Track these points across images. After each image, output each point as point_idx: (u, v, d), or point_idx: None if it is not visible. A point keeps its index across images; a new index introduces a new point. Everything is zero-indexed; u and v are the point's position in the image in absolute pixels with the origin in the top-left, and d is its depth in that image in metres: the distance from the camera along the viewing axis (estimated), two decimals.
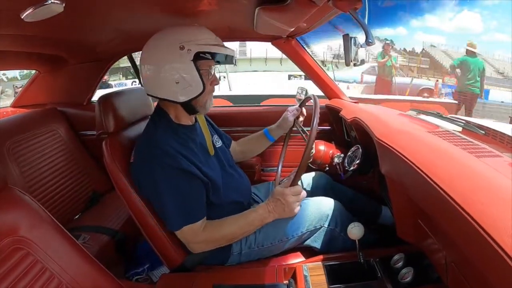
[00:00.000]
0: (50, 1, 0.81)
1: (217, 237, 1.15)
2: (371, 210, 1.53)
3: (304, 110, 1.53)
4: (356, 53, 1.12)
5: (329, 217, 1.22)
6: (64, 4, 0.84)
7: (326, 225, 1.22)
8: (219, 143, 1.37)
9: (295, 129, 1.52)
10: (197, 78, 1.11)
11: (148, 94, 1.19)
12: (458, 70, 6.51)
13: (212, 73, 1.18)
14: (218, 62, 1.20)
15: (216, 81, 1.20)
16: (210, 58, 1.11)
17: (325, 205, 1.26)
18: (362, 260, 1.03)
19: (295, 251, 1.25)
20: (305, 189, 1.49)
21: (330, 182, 1.57)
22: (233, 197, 1.25)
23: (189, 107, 1.17)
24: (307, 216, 1.22)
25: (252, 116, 2.13)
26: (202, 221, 1.12)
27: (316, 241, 1.22)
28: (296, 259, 1.21)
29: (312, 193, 1.52)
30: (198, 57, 1.09)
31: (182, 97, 1.13)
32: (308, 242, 1.23)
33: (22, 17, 0.88)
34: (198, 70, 1.10)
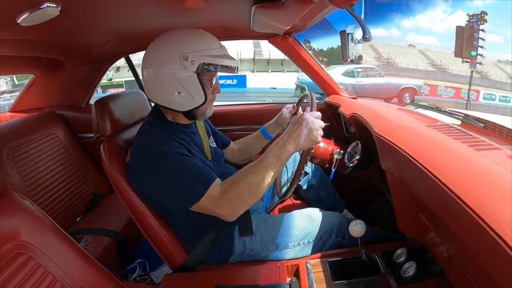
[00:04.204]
0: (45, 5, 0.81)
1: (235, 192, 1.02)
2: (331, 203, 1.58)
3: (300, 109, 1.53)
4: (354, 49, 1.13)
5: (336, 231, 1.21)
6: (59, 8, 0.84)
7: (333, 238, 1.20)
8: (213, 144, 1.37)
9: None
10: (200, 90, 1.09)
11: (149, 99, 1.18)
12: None
13: (214, 82, 1.16)
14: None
15: (217, 89, 1.18)
16: (214, 70, 1.09)
17: (334, 218, 1.25)
18: (364, 257, 1.03)
19: None
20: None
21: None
22: None
23: (189, 114, 1.17)
24: (316, 226, 1.21)
25: (250, 115, 2.13)
26: (216, 184, 1.04)
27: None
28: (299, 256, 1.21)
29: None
30: (202, 69, 1.06)
31: (182, 107, 1.12)
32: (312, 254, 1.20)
33: (18, 22, 0.88)
34: (200, 81, 1.08)
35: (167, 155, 1.04)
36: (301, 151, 1.07)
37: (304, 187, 1.61)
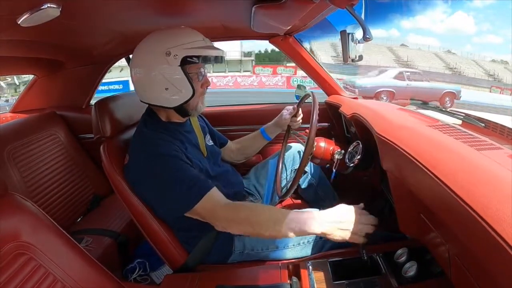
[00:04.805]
0: (46, 6, 0.81)
1: (240, 218, 1.04)
2: (327, 201, 1.59)
3: (300, 110, 1.54)
4: (354, 49, 1.13)
5: None
6: (60, 8, 0.84)
7: None
8: (210, 142, 1.38)
9: (292, 134, 1.54)
10: (186, 83, 1.10)
11: (141, 101, 1.19)
12: None
13: (202, 75, 1.17)
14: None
15: (207, 83, 1.20)
16: (198, 61, 1.10)
17: None
18: (365, 257, 1.03)
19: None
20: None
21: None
22: (227, 191, 1.25)
23: (181, 111, 1.18)
24: None
25: (248, 115, 2.13)
26: (211, 194, 1.06)
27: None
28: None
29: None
30: (185, 62, 1.08)
31: (172, 103, 1.13)
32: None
33: (18, 22, 0.88)
34: (186, 74, 1.10)
35: (164, 158, 1.06)
36: (304, 152, 1.07)
37: (303, 186, 1.61)
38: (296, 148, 1.63)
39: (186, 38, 1.10)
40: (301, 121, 1.58)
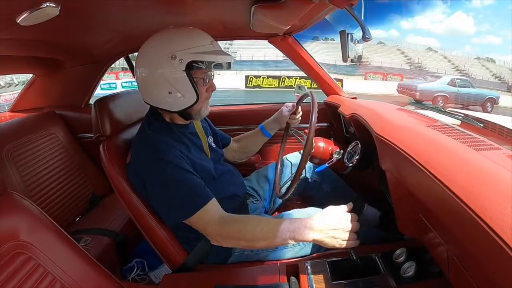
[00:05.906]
0: (45, 5, 0.81)
1: (232, 232, 1.03)
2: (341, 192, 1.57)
3: (300, 107, 1.54)
4: (353, 49, 1.13)
5: None
6: (59, 7, 0.84)
7: None
8: (212, 144, 1.37)
9: (292, 131, 1.54)
10: (190, 89, 1.08)
11: (145, 102, 1.18)
12: None
13: (208, 80, 1.14)
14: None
15: (212, 87, 1.17)
16: (203, 67, 1.07)
17: None
18: (353, 257, 1.02)
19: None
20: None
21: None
22: (229, 191, 1.24)
23: (184, 114, 1.16)
24: None
25: (249, 115, 2.13)
26: (211, 206, 1.05)
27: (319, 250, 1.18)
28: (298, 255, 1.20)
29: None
30: (191, 66, 1.05)
31: (175, 107, 1.12)
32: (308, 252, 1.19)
33: (18, 22, 0.88)
34: (191, 79, 1.07)
35: (165, 164, 1.04)
36: (302, 152, 1.07)
37: (302, 184, 1.60)
38: (296, 153, 1.63)
39: (193, 41, 1.07)
40: (300, 118, 1.57)
